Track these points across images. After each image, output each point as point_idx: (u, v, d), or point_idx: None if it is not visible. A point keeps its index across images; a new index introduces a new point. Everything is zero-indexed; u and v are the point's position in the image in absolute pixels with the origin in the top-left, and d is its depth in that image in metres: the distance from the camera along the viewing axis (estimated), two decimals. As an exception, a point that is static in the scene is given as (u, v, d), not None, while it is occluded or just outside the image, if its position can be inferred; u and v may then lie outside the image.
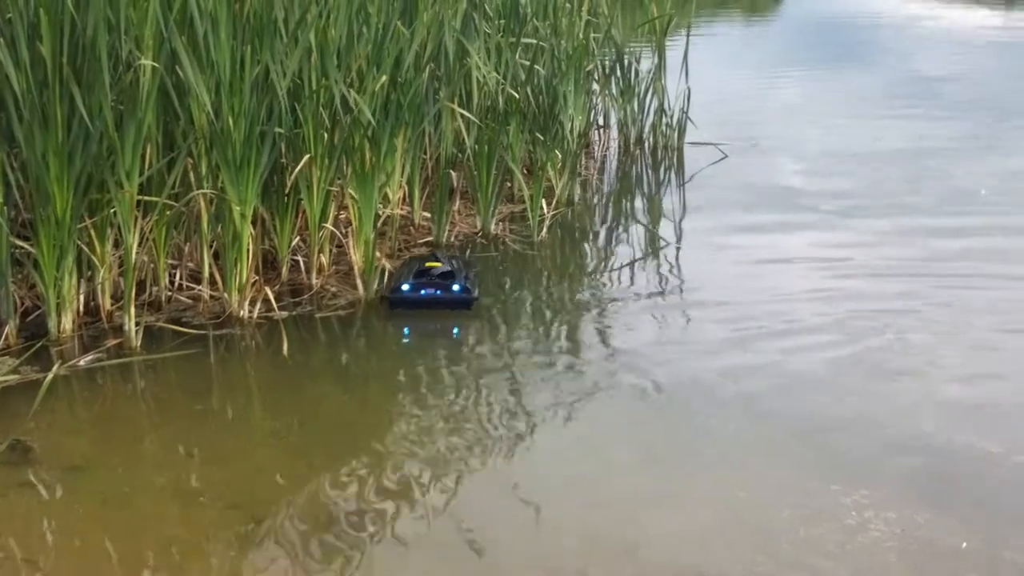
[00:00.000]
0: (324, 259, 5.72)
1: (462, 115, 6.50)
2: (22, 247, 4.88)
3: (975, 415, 4.32)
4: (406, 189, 6.48)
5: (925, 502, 3.70)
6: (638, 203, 7.70)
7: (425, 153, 6.80)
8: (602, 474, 3.94)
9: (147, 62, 4.80)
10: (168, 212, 5.10)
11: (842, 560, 3.41)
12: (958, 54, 14.10)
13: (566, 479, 3.92)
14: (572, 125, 7.51)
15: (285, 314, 5.25)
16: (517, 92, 6.84)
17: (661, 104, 8.67)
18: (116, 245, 5.09)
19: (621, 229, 7.23)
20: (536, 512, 3.70)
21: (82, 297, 5.04)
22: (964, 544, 3.48)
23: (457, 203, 6.72)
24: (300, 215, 5.65)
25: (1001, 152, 8.78)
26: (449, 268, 5.44)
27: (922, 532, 3.55)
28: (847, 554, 3.43)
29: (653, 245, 6.62)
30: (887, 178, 7.95)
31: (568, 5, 7.94)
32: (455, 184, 6.74)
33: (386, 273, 5.60)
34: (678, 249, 6.55)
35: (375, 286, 5.47)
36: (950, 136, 9.35)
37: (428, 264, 5.52)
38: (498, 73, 6.79)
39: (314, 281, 5.60)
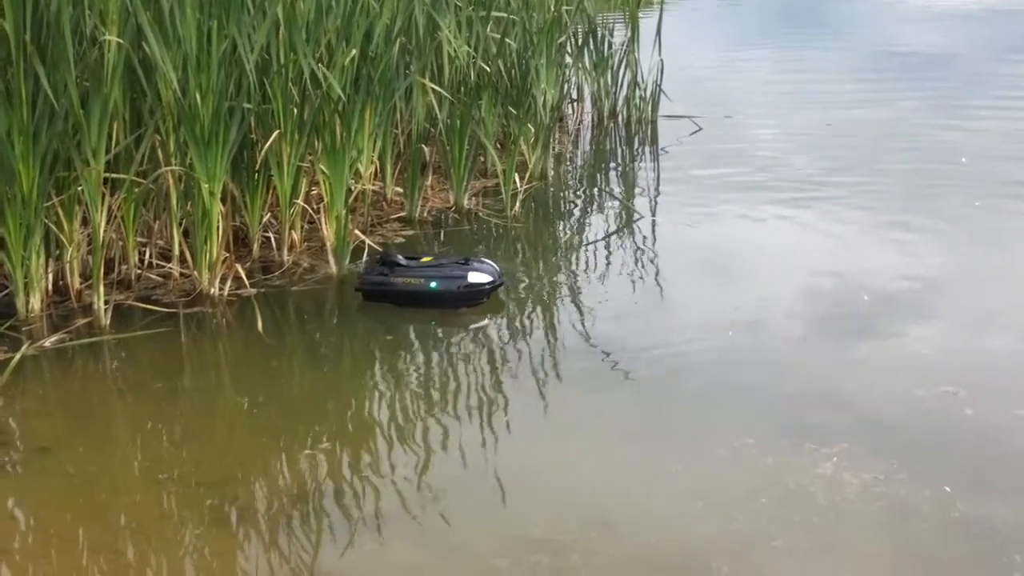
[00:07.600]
0: (296, 235, 5.68)
1: (433, 89, 6.46)
2: (-12, 226, 4.83)
3: (946, 376, 4.34)
4: (378, 164, 6.44)
5: (899, 460, 3.70)
6: (612, 176, 7.69)
7: (397, 128, 6.75)
8: (574, 449, 3.93)
9: (112, 38, 4.74)
10: (136, 189, 5.05)
11: (822, 515, 3.42)
12: (934, 28, 14.10)
13: (537, 454, 3.91)
14: (545, 99, 7.46)
15: (256, 291, 5.22)
16: (489, 66, 6.79)
17: (635, 77, 8.65)
18: (84, 223, 5.04)
19: (595, 202, 7.20)
20: (506, 486, 3.68)
21: (50, 276, 4.99)
22: (948, 489, 3.52)
23: (430, 178, 6.68)
24: (271, 191, 5.61)
25: (978, 122, 8.78)
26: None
27: (899, 487, 3.56)
28: (826, 509, 3.45)
29: (627, 218, 6.60)
30: (860, 148, 7.97)
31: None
32: (427, 159, 6.70)
33: None
34: (653, 222, 6.53)
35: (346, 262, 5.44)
36: (927, 107, 9.36)
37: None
38: (469, 47, 6.75)
39: (286, 257, 5.57)
